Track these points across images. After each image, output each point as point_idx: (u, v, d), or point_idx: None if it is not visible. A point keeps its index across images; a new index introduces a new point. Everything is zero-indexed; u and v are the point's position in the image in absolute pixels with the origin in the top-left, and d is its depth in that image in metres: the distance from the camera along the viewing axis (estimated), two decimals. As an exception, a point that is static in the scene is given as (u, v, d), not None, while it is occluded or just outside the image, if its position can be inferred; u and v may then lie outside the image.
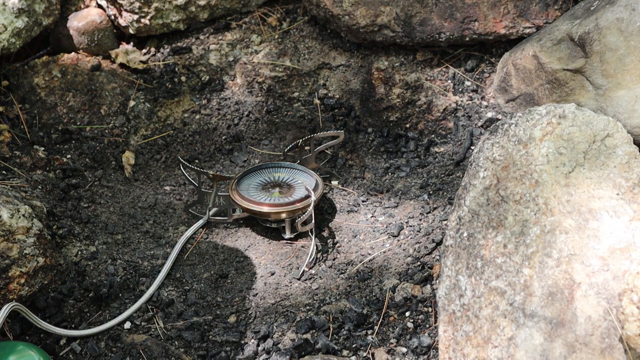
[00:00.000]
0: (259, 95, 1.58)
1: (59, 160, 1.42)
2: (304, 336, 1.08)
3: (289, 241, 1.33)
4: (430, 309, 1.11)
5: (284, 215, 1.31)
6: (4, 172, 1.34)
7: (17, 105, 1.49)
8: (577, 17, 1.28)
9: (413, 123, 1.51)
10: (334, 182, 1.47)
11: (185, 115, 1.57)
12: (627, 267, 0.89)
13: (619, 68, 1.16)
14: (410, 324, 1.10)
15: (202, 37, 1.65)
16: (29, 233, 1.14)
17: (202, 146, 1.54)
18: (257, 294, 1.19)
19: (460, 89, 1.52)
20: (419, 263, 1.21)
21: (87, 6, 1.65)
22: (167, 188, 1.47)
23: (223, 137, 1.55)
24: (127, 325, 1.13)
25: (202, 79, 1.60)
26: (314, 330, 1.09)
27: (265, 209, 1.31)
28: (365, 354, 1.05)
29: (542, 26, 1.44)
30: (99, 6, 1.64)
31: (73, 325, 1.13)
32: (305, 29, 1.64)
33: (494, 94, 1.47)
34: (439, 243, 1.22)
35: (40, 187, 1.33)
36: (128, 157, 1.49)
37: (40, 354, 1.02)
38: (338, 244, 1.32)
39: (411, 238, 1.28)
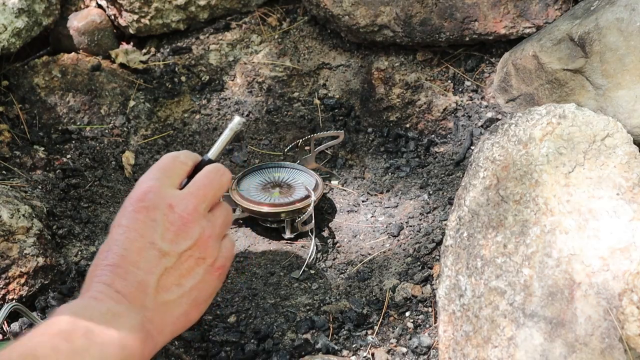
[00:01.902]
0: (259, 95, 1.58)
1: (59, 160, 1.42)
2: (304, 336, 1.08)
3: (289, 241, 1.33)
4: (430, 309, 1.11)
5: (283, 215, 1.31)
6: (4, 172, 1.34)
7: (17, 105, 1.49)
8: (577, 17, 1.28)
9: (413, 123, 1.51)
10: (334, 182, 1.47)
11: (185, 115, 1.57)
12: (627, 267, 0.89)
13: (619, 68, 1.16)
14: (410, 324, 1.10)
15: (202, 37, 1.65)
16: (29, 233, 1.14)
17: (202, 146, 1.54)
18: (257, 294, 1.19)
19: (460, 89, 1.52)
20: (419, 263, 1.21)
21: (87, 6, 1.65)
22: (167, 188, 1.46)
23: (223, 137, 1.55)
24: (127, 325, 1.13)
25: (202, 79, 1.60)
26: (314, 330, 1.09)
27: (265, 209, 1.31)
28: (365, 354, 1.05)
29: (542, 26, 1.44)
30: (99, 6, 1.64)
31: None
32: (305, 29, 1.64)
33: (494, 94, 1.47)
34: (439, 243, 1.22)
35: (40, 187, 1.33)
36: (128, 157, 1.49)
37: None
38: (338, 244, 1.32)
39: (411, 238, 1.28)
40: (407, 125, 1.51)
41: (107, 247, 0.83)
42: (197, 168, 0.92)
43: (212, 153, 0.96)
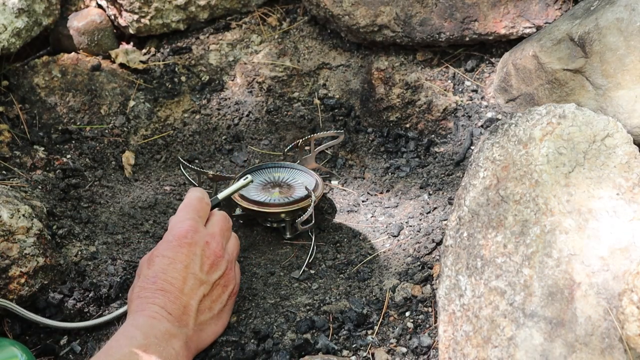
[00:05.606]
0: (259, 95, 1.58)
1: (59, 160, 1.42)
2: (304, 336, 1.08)
3: (289, 241, 1.33)
4: (430, 309, 1.11)
5: (283, 215, 1.31)
6: (4, 172, 1.34)
7: (17, 105, 1.49)
8: (577, 17, 1.28)
9: (413, 123, 1.51)
10: (334, 182, 1.47)
11: (185, 115, 1.57)
12: (627, 267, 0.89)
13: (619, 68, 1.16)
14: (410, 324, 1.10)
15: (202, 37, 1.65)
16: (29, 233, 1.14)
17: (202, 146, 1.54)
18: (257, 294, 1.19)
19: (460, 89, 1.52)
20: (419, 263, 1.21)
21: (87, 6, 1.65)
22: (167, 188, 1.47)
23: (223, 137, 1.55)
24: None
25: (202, 79, 1.60)
26: (314, 330, 1.09)
27: (265, 209, 1.31)
28: (365, 354, 1.05)
29: (542, 26, 1.44)
30: (99, 6, 1.64)
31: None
32: (305, 29, 1.64)
33: (494, 94, 1.47)
34: (439, 243, 1.22)
35: (40, 187, 1.33)
36: (128, 157, 1.49)
37: (24, 350, 1.02)
38: (338, 244, 1.32)
39: (411, 238, 1.28)
40: (407, 125, 1.51)
41: (152, 273, 1.02)
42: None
43: (221, 195, 1.23)
